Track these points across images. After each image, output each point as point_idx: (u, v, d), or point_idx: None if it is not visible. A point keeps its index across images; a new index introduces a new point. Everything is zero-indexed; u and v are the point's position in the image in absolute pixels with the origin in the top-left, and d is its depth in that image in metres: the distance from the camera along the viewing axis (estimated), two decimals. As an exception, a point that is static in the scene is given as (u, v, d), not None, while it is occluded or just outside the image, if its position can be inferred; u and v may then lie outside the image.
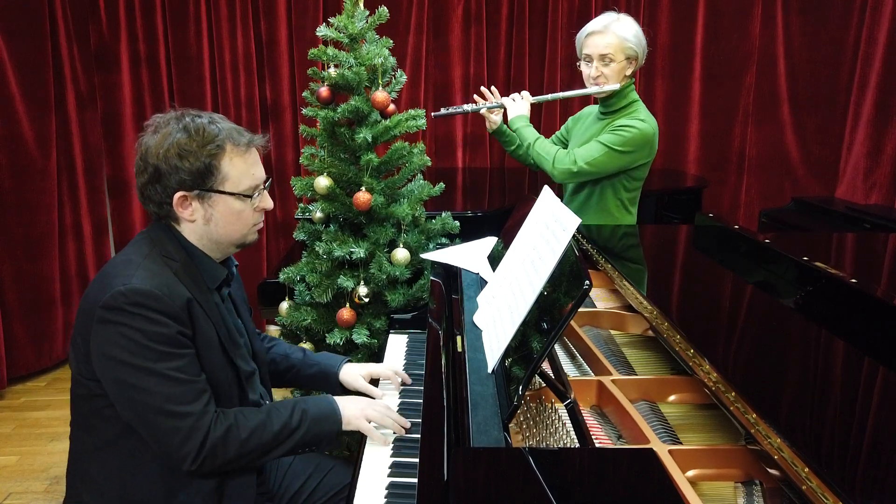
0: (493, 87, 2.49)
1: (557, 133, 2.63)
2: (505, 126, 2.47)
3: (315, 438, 1.43)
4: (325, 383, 1.69)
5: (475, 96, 2.48)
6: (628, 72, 2.28)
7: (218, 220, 1.41)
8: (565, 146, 2.54)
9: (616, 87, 2.27)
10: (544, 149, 2.31)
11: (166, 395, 1.29)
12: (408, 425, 1.49)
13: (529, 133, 2.35)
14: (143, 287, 1.29)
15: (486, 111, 2.45)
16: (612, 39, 2.23)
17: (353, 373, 1.67)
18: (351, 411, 1.46)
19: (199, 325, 1.37)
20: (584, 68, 2.33)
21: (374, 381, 1.70)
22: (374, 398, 1.59)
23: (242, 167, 1.40)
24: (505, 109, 2.44)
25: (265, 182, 1.47)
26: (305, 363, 1.71)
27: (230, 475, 1.41)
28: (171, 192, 1.37)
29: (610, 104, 2.33)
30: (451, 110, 2.46)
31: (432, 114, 2.52)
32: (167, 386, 1.29)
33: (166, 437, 1.30)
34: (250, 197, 1.42)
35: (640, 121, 2.24)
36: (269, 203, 1.48)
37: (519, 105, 2.40)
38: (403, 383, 1.69)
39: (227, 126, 1.41)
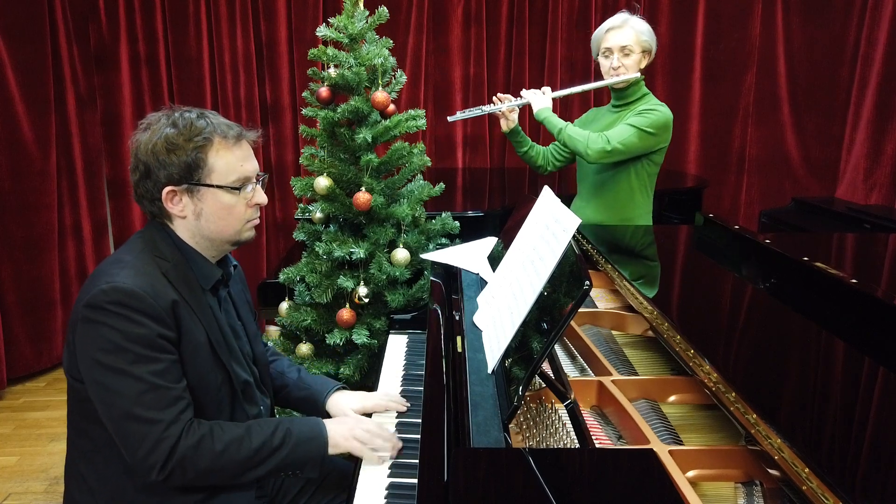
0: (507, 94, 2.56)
1: None
2: (519, 127, 2.55)
3: (298, 461, 1.37)
4: (313, 409, 1.63)
5: (494, 97, 2.53)
6: (643, 64, 2.44)
7: (209, 216, 1.38)
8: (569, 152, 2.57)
9: (636, 75, 2.42)
10: (576, 132, 2.37)
11: (137, 399, 1.24)
12: (400, 445, 1.43)
13: (558, 120, 2.42)
14: (126, 286, 1.26)
15: (504, 111, 2.50)
16: (630, 33, 2.40)
17: (342, 403, 1.59)
18: (339, 432, 1.41)
19: (185, 327, 1.33)
20: (604, 61, 2.44)
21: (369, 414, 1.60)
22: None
23: (230, 159, 1.37)
24: (527, 106, 2.49)
25: (259, 177, 1.44)
26: (297, 385, 1.66)
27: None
28: (161, 186, 1.35)
29: (625, 96, 2.46)
30: (467, 113, 2.52)
31: (448, 118, 2.58)
32: (139, 389, 1.25)
33: (133, 444, 1.25)
34: (239, 189, 1.39)
35: (662, 105, 2.39)
36: (262, 198, 1.44)
37: (543, 98, 2.49)
38: (399, 411, 1.60)
39: (218, 121, 1.39)
